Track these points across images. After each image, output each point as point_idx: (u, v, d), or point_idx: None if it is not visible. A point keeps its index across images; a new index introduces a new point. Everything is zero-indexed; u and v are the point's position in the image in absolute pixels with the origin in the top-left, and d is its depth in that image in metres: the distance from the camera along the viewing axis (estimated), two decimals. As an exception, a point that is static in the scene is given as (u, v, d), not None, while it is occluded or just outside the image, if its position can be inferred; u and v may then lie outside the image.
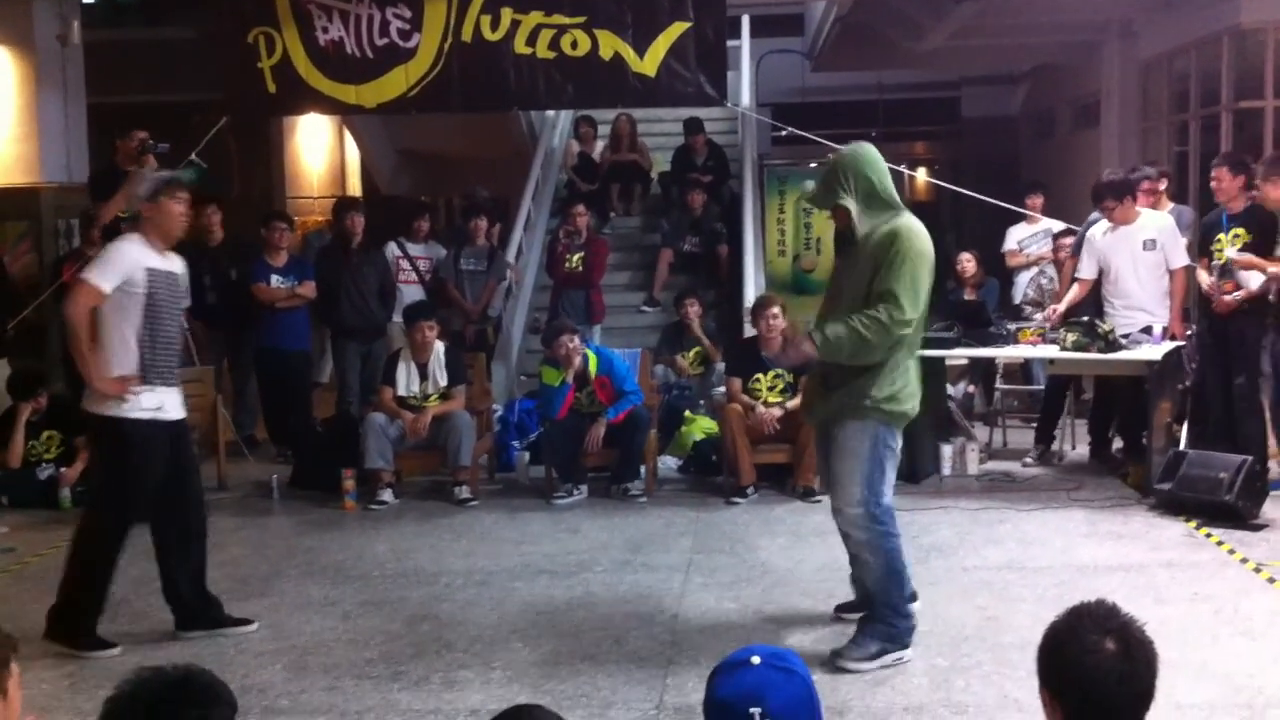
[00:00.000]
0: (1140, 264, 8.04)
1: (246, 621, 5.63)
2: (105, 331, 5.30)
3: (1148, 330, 7.89)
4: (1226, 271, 7.68)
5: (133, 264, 5.29)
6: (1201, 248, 7.97)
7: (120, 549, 5.46)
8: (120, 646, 5.43)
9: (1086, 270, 8.22)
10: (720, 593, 5.97)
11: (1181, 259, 8.10)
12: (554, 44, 8.89)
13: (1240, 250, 7.50)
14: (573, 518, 7.59)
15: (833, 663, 4.87)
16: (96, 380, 5.28)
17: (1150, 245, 8.02)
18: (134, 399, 5.31)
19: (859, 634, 4.99)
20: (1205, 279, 7.78)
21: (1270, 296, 7.52)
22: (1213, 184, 7.75)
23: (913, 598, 5.20)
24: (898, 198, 5.06)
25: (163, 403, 5.41)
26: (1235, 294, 7.56)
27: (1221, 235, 7.67)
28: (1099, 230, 8.19)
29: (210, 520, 7.60)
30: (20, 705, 2.53)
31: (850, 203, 4.93)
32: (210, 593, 5.69)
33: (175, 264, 5.54)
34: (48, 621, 5.44)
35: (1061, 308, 8.17)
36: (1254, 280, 7.52)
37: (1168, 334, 7.94)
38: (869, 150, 5.05)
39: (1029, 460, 8.70)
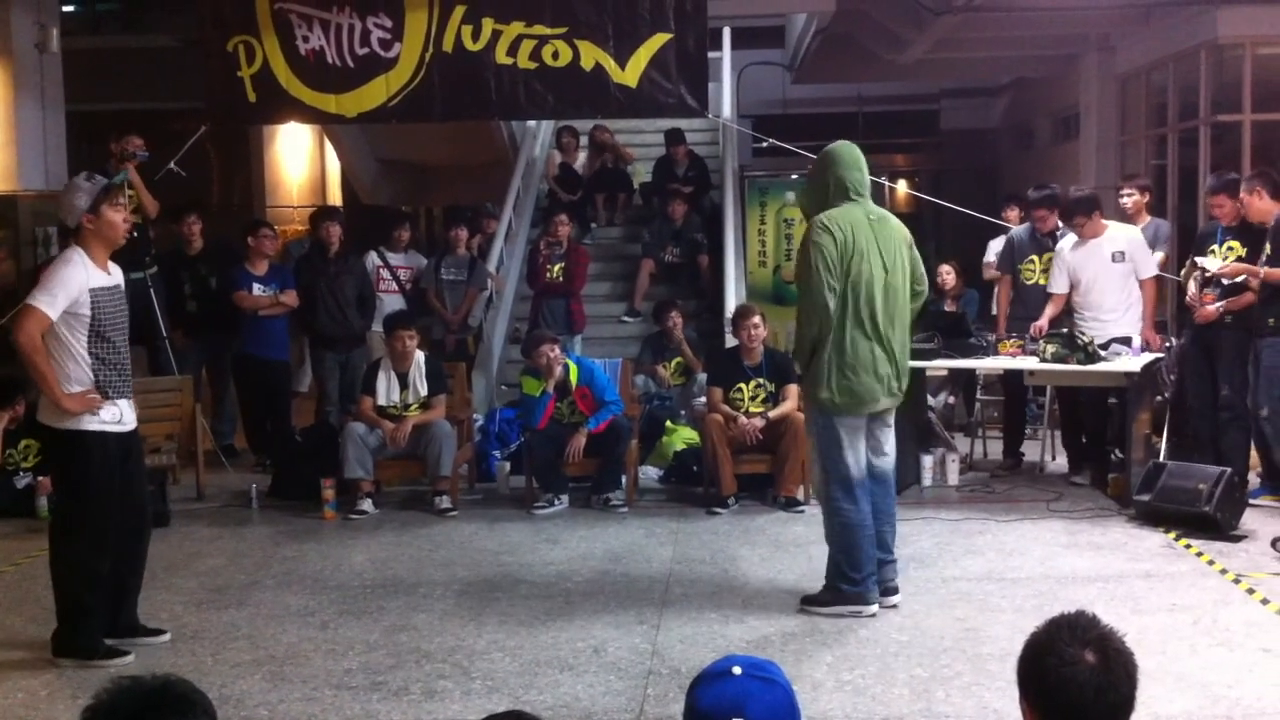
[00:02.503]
0: (1110, 275, 8.10)
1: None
2: (58, 351, 5.28)
3: (1126, 341, 7.94)
4: (1209, 282, 7.75)
5: (78, 286, 5.24)
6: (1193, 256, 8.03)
7: (101, 557, 5.37)
8: (133, 654, 5.36)
9: (1058, 285, 8.27)
10: (701, 603, 5.97)
11: (1150, 269, 8.17)
12: (535, 54, 8.88)
13: (1235, 261, 7.58)
14: (553, 528, 7.57)
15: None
16: (61, 398, 5.24)
17: (1119, 257, 8.09)
18: (95, 413, 5.31)
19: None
20: (1191, 288, 7.86)
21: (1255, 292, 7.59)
22: (1216, 210, 7.81)
23: None
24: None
25: (120, 415, 5.42)
26: (1217, 304, 7.64)
27: (1215, 247, 7.75)
28: (1067, 244, 8.25)
29: (188, 529, 7.69)
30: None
31: None
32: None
33: (116, 275, 5.51)
34: (53, 639, 5.37)
35: (1042, 322, 8.20)
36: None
37: (1144, 344, 7.99)
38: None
39: (1000, 472, 8.76)
